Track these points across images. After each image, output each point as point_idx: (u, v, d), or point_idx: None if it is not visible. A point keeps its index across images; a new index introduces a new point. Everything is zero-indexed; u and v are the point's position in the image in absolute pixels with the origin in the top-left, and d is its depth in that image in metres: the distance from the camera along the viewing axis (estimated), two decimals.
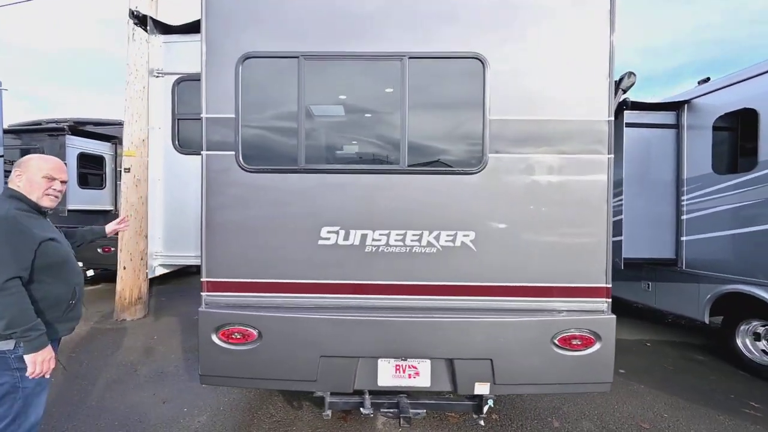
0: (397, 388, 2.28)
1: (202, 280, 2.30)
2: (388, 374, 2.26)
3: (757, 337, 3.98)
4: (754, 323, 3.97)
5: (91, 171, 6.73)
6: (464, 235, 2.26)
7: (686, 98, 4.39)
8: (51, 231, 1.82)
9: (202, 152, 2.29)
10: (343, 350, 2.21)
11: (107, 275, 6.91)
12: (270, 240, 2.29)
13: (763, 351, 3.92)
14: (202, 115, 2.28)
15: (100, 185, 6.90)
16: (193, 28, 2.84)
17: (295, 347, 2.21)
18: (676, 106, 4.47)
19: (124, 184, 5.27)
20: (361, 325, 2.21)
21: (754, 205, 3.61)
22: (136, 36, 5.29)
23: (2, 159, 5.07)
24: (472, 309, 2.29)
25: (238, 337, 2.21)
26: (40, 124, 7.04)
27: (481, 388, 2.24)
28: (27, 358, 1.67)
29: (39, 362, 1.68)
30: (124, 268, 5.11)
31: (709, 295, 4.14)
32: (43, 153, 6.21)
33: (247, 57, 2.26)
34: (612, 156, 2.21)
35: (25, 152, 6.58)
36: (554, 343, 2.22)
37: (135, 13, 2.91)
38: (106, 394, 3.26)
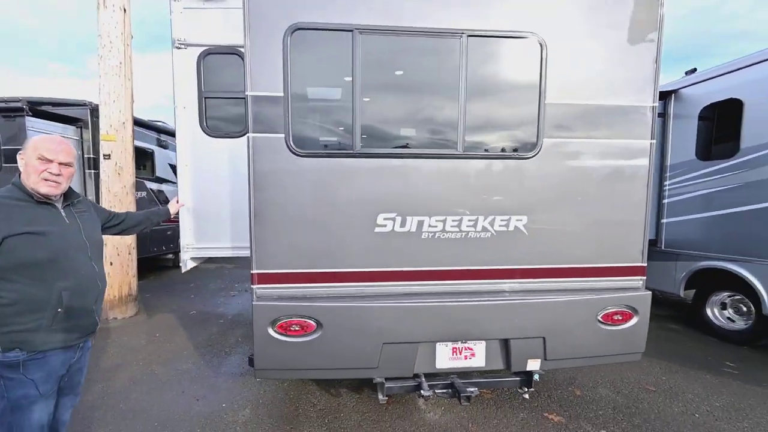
0: (454, 369, 2.33)
1: (252, 272, 2.17)
2: (445, 357, 2.31)
3: (723, 306, 4.50)
4: (723, 294, 4.47)
5: None
6: (517, 219, 2.31)
7: (673, 88, 4.71)
8: (43, 224, 1.53)
9: (248, 134, 2.13)
10: (406, 336, 2.21)
11: None
12: (324, 228, 2.21)
13: (729, 318, 4.44)
14: (246, 93, 2.11)
15: None
16: None
17: (358, 336, 2.17)
18: (663, 96, 4.79)
19: (104, 172, 4.75)
20: (423, 311, 2.22)
21: (735, 188, 4.00)
22: (108, 2, 4.71)
23: None
24: (524, 291, 2.37)
25: (297, 329, 2.13)
26: None
27: (533, 365, 2.35)
28: None
29: None
30: (111, 263, 4.67)
31: (684, 272, 4.57)
32: None
33: (296, 28, 2.09)
34: (654, 141, 2.35)
35: None
36: (598, 320, 2.37)
37: None
38: (131, 395, 3.03)
